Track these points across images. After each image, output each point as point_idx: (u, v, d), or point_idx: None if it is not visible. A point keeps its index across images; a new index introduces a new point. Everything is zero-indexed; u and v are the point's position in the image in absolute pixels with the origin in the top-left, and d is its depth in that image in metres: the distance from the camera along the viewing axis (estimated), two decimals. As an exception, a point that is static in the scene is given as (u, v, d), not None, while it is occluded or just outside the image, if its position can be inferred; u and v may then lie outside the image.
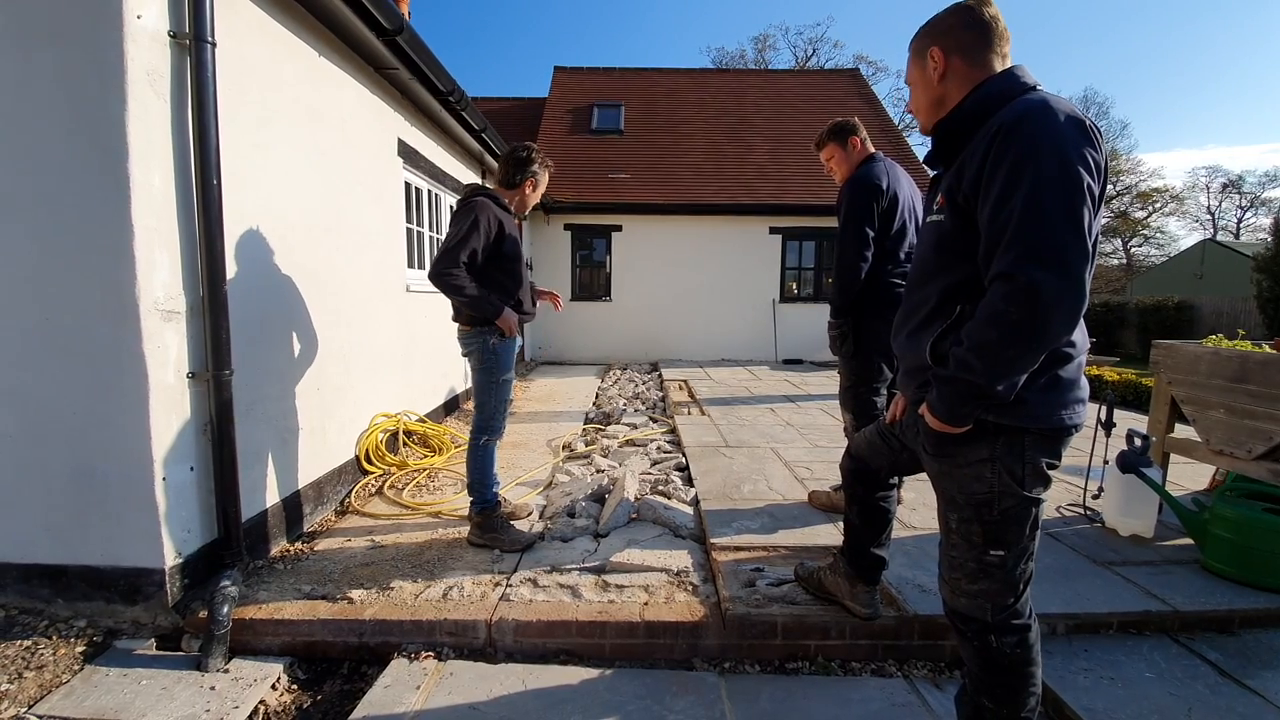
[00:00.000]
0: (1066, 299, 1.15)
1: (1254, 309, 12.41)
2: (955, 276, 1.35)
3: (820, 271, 10.32)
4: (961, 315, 1.33)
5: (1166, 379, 3.01)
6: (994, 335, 1.20)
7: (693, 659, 2.11)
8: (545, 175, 2.81)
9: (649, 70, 13.72)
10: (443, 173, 5.24)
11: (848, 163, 2.75)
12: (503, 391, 2.73)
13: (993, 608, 1.38)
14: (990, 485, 1.33)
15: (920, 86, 1.44)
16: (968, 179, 1.27)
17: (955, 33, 1.37)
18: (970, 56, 1.36)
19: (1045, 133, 1.17)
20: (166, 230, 2.10)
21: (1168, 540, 2.73)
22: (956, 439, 1.34)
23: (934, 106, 1.41)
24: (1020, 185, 1.16)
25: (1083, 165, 1.16)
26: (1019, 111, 1.21)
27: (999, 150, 1.20)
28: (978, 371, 1.22)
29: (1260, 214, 32.41)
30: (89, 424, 2.07)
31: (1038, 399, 1.28)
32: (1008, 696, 1.40)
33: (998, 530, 1.34)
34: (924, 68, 1.41)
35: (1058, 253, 1.14)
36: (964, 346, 1.25)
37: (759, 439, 4.49)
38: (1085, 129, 1.19)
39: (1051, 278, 1.13)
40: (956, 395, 1.27)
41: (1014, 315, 1.16)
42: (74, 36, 1.93)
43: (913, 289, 1.49)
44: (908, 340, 1.48)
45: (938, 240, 1.39)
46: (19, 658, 1.97)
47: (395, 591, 2.31)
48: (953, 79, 1.37)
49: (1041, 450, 1.32)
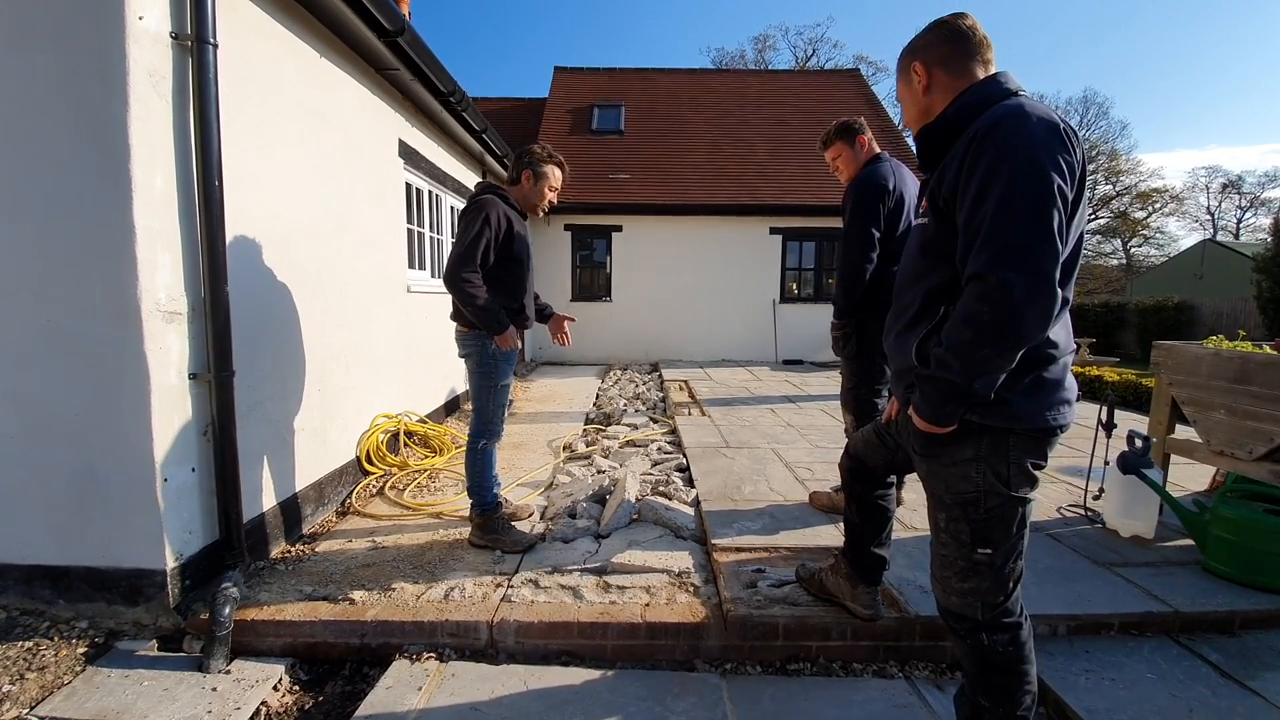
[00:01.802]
0: (1038, 298, 1.18)
1: (1254, 309, 12.42)
2: (938, 279, 1.39)
3: (820, 272, 10.32)
4: (945, 317, 1.36)
5: (1167, 380, 3.01)
6: (970, 335, 1.24)
7: (694, 660, 2.11)
8: (550, 169, 2.71)
9: (649, 70, 13.72)
10: (443, 173, 5.25)
11: (855, 162, 2.74)
12: (500, 395, 2.72)
13: (983, 606, 1.40)
14: (976, 485, 1.36)
15: (909, 101, 1.51)
16: (947, 183, 1.31)
17: (934, 47, 1.43)
18: (951, 67, 1.41)
19: (1018, 137, 1.21)
20: (168, 231, 2.10)
21: (1169, 541, 2.73)
22: (943, 439, 1.38)
23: (922, 117, 1.47)
24: (993, 188, 1.21)
25: (1054, 168, 1.20)
26: (995, 117, 1.26)
27: (974, 155, 1.25)
28: (955, 370, 1.27)
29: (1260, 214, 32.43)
30: (91, 425, 2.07)
31: (1021, 400, 1.31)
32: (1003, 695, 1.42)
33: (985, 529, 1.37)
34: (910, 83, 1.48)
35: (1027, 253, 1.18)
36: (943, 347, 1.30)
37: (760, 440, 4.49)
38: (1058, 132, 1.23)
39: (1021, 277, 1.17)
40: (938, 395, 1.31)
41: (988, 315, 1.20)
42: (76, 38, 1.93)
43: (900, 291, 1.54)
44: (896, 341, 1.52)
45: (922, 243, 1.44)
46: (20, 659, 1.97)
47: (397, 592, 2.31)
48: (937, 90, 1.43)
49: (1027, 451, 1.34)
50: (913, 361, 1.43)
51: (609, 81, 13.10)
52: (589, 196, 9.75)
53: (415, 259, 4.83)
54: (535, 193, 2.72)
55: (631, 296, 10.07)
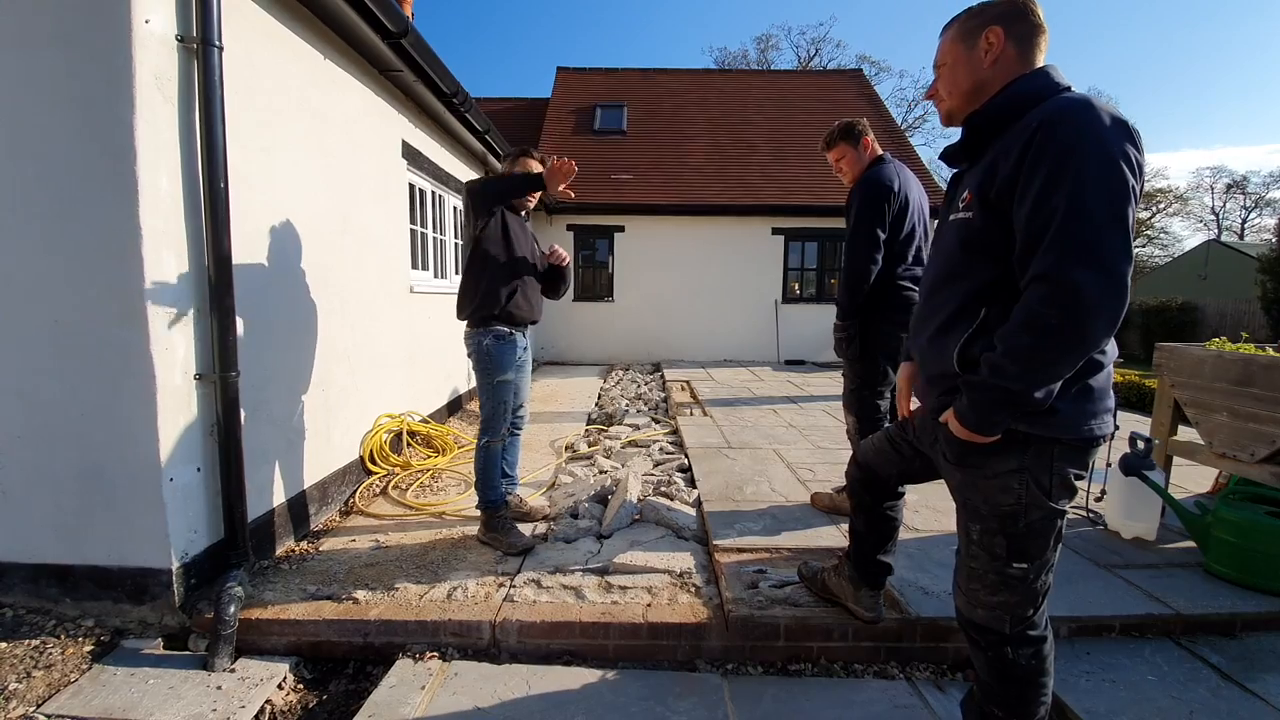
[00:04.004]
0: (1109, 301, 1.11)
1: (1258, 310, 12.38)
2: (982, 278, 1.30)
3: (823, 272, 10.31)
4: (988, 319, 1.28)
5: (1170, 382, 3.00)
6: (1030, 340, 1.16)
7: (696, 660, 2.12)
8: (523, 159, 2.82)
9: (652, 71, 13.72)
10: (446, 174, 5.26)
11: (859, 164, 2.74)
12: (499, 393, 2.71)
13: (1011, 620, 1.35)
14: (1018, 497, 1.29)
15: (963, 68, 1.36)
16: (1001, 176, 1.23)
17: (1014, 20, 1.31)
18: (1023, 46, 1.31)
19: (1088, 130, 1.14)
20: (174, 232, 2.11)
21: (1170, 543, 2.73)
22: (983, 449, 1.30)
23: (972, 93, 1.36)
24: (1063, 183, 1.12)
25: (1126, 164, 1.13)
26: (1061, 108, 1.18)
27: (1039, 147, 1.16)
28: (1012, 377, 1.18)
29: (1265, 215, 32.34)
30: (97, 425, 2.09)
31: (1069, 408, 1.24)
32: (1019, 707, 1.38)
33: (1023, 543, 1.31)
34: (973, 48, 1.34)
35: (1101, 252, 1.11)
36: (998, 351, 1.20)
37: (761, 440, 4.49)
38: (1127, 128, 1.15)
39: (1094, 278, 1.10)
40: (990, 403, 1.23)
41: (1053, 319, 1.13)
42: (82, 40, 1.95)
43: (934, 290, 1.43)
44: (930, 345, 1.41)
45: (964, 240, 1.33)
46: (27, 657, 1.98)
47: (400, 592, 2.32)
48: (1001, 67, 1.32)
49: (1069, 461, 1.29)
50: (953, 367, 1.32)
51: (611, 81, 13.11)
52: (591, 196, 9.75)
53: (418, 260, 4.84)
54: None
55: (634, 297, 10.08)
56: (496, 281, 2.64)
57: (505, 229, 2.68)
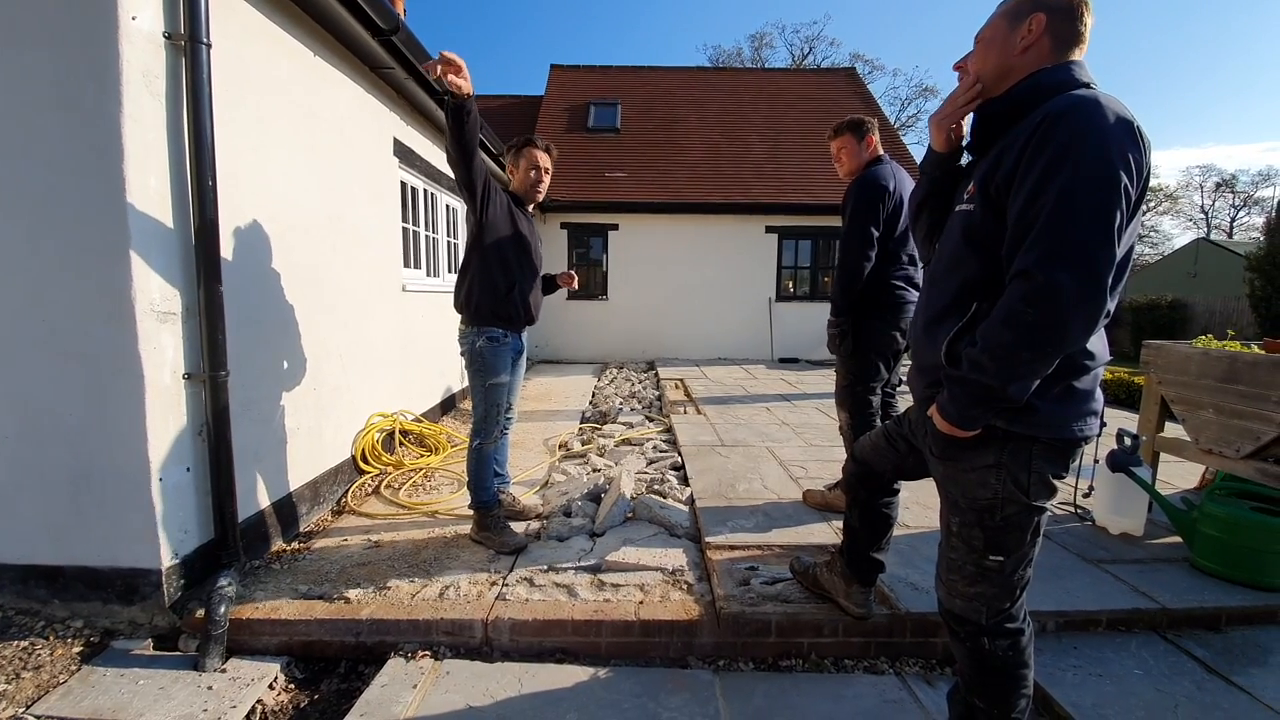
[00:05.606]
0: (1087, 303, 1.12)
1: (1247, 308, 12.49)
2: (975, 270, 1.31)
3: (816, 270, 10.33)
4: (977, 313, 1.30)
5: (1157, 379, 3.04)
6: (1009, 337, 1.17)
7: (688, 657, 2.13)
8: (527, 149, 2.67)
9: (646, 69, 13.69)
10: (439, 172, 5.24)
11: (857, 159, 2.76)
12: (492, 396, 2.67)
13: (988, 611, 1.38)
14: (995, 492, 1.31)
15: (998, 48, 1.34)
16: (1004, 169, 1.23)
17: (1064, 17, 1.28)
18: (1060, 38, 1.29)
19: (1089, 127, 1.13)
20: (162, 231, 2.10)
21: (1157, 539, 2.76)
22: (963, 443, 1.33)
23: (1000, 76, 1.34)
24: (1054, 180, 1.12)
25: (1123, 165, 1.11)
26: (1068, 103, 1.17)
27: (1039, 141, 1.16)
28: (989, 373, 1.20)
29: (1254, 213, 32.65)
30: (86, 425, 2.08)
31: (1050, 408, 1.26)
32: (999, 697, 1.41)
33: (999, 536, 1.33)
34: (1014, 31, 1.31)
35: (1083, 253, 1.11)
36: (977, 347, 1.23)
37: (755, 438, 4.51)
38: (1132, 128, 1.14)
39: (1073, 279, 1.10)
40: (967, 397, 1.25)
41: (1031, 316, 1.14)
42: (69, 37, 1.93)
43: (936, 279, 1.44)
44: (924, 334, 1.44)
45: (964, 231, 1.34)
46: (16, 658, 1.97)
47: (392, 591, 2.32)
48: (1033, 55, 1.30)
49: (1049, 460, 1.30)
50: (940, 359, 1.35)
51: (605, 79, 13.07)
52: (585, 194, 9.74)
53: (411, 258, 4.82)
54: (522, 175, 2.70)
55: (628, 295, 10.07)
56: (496, 277, 2.59)
57: (512, 220, 2.62)
